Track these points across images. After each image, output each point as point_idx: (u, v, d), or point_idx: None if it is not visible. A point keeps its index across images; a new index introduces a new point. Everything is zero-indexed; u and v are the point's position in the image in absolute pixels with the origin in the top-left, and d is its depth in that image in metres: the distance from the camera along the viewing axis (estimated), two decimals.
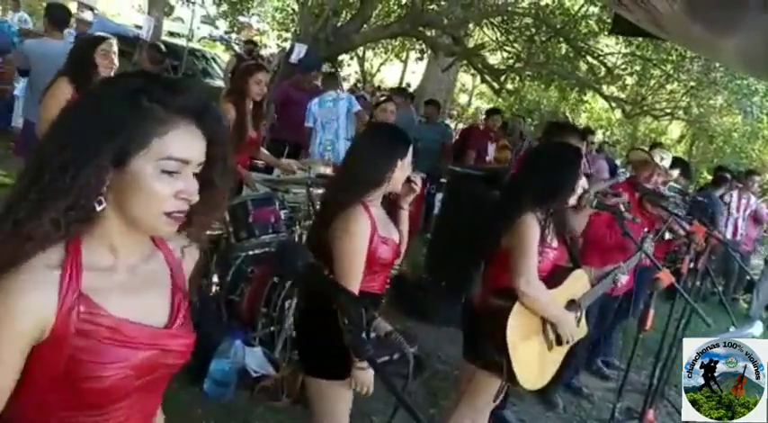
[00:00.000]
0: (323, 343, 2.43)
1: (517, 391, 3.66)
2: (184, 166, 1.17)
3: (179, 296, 1.33)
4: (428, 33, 11.87)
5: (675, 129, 24.54)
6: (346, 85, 23.21)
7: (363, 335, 1.08)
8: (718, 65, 10.81)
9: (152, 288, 1.29)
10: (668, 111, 13.32)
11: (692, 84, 12.17)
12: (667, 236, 4.57)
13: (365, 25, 11.08)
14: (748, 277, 9.44)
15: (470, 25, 12.42)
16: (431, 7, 11.05)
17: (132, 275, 1.25)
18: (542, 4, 12.50)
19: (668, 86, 12.92)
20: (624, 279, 3.51)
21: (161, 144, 1.14)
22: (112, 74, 3.89)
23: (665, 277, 3.02)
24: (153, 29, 9.02)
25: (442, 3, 11.21)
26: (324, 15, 10.01)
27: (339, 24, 10.48)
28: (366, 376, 2.45)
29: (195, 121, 1.19)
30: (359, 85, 25.74)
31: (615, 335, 5.58)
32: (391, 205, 2.73)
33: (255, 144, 4.79)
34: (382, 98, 6.16)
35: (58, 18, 5.29)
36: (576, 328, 3.07)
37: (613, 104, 12.83)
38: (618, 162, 11.04)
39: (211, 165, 1.23)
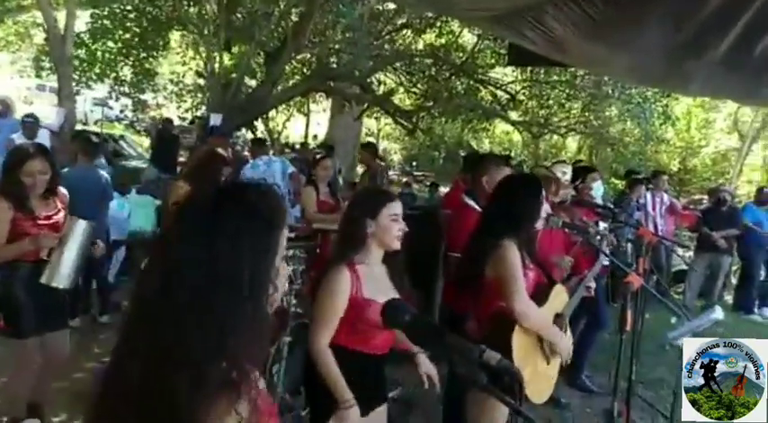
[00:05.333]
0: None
1: None
2: None
3: None
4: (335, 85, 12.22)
5: (573, 142, 25.96)
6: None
7: (476, 367, 1.23)
8: (607, 79, 11.63)
9: None
10: (571, 127, 14.23)
11: (588, 99, 13.05)
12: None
13: (275, 87, 11.28)
14: (677, 269, 10.08)
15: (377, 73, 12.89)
16: (336, 61, 11.40)
17: None
18: (437, 44, 13.16)
19: (566, 105, 13.78)
20: (593, 285, 3.80)
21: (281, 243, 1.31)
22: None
23: (635, 279, 3.29)
24: (65, 119, 8.87)
25: (345, 55, 11.61)
26: (234, 84, 10.16)
27: (250, 90, 10.66)
28: (350, 415, 2.54)
29: None
30: (267, 144, 25.83)
31: (590, 348, 5.77)
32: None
33: None
34: (319, 156, 6.33)
35: None
36: (570, 345, 3.30)
37: (520, 128, 13.52)
38: None
39: None
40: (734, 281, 10.69)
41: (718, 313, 3.61)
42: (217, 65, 10.25)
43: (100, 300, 6.30)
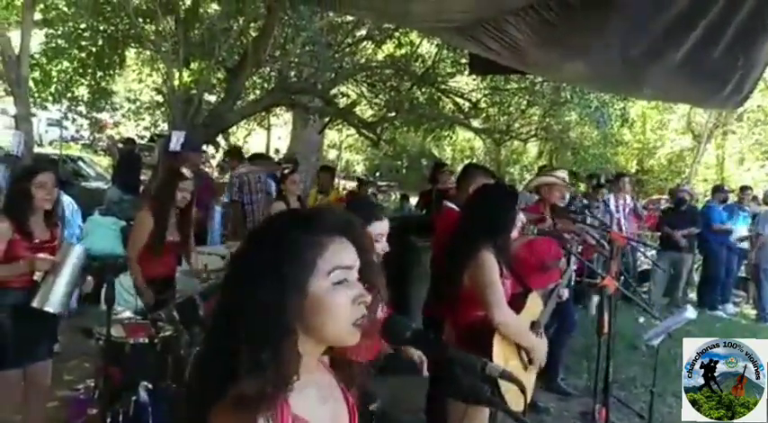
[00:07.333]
0: None
1: None
2: (349, 272, 1.29)
3: (352, 405, 1.44)
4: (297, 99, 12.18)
5: (533, 147, 26.34)
6: (214, 162, 23.04)
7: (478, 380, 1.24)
8: (565, 85, 11.84)
9: (334, 400, 1.40)
10: (532, 133, 14.47)
11: (548, 105, 13.28)
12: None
13: (236, 102, 11.21)
14: (641, 268, 10.28)
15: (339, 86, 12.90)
16: (297, 75, 11.37)
17: (320, 389, 1.36)
18: (397, 55, 13.25)
19: (527, 111, 13.99)
20: (566, 293, 3.86)
21: (324, 261, 1.25)
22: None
23: (610, 283, 3.35)
24: (24, 143, 8.63)
25: (306, 69, 11.60)
26: (195, 100, 10.05)
27: (212, 106, 10.56)
28: None
29: (343, 235, 1.31)
30: (227, 159, 25.63)
31: (563, 351, 5.84)
32: None
33: (183, 248, 4.77)
34: (287, 170, 6.31)
35: None
36: (545, 351, 3.35)
37: (482, 135, 13.65)
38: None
39: (364, 269, 1.34)
40: (696, 278, 10.95)
41: (691, 313, 3.71)
42: (177, 81, 10.12)
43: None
